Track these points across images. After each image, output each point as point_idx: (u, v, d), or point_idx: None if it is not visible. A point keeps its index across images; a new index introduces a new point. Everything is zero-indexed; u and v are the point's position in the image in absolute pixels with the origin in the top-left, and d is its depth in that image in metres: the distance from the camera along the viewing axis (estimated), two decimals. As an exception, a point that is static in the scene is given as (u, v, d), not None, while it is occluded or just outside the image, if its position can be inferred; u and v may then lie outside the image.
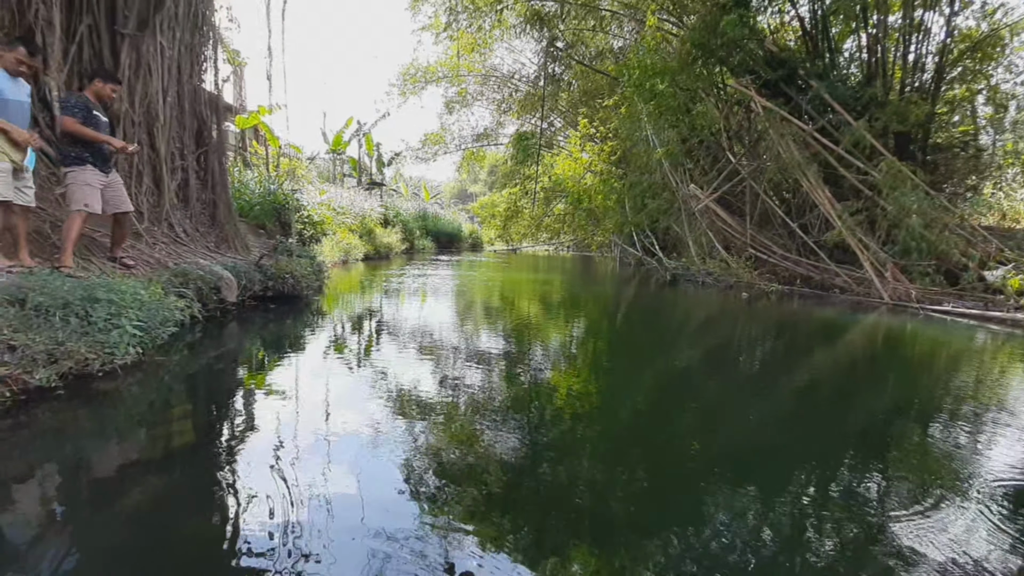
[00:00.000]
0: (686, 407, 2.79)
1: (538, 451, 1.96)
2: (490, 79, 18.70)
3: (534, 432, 2.13)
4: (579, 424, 2.29)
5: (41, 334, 2.76)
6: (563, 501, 1.59)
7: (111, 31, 5.48)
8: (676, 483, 1.82)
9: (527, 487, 1.66)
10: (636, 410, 2.66)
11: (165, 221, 5.83)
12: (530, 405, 2.47)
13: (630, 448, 2.13)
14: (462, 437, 2.03)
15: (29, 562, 1.47)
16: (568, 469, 1.83)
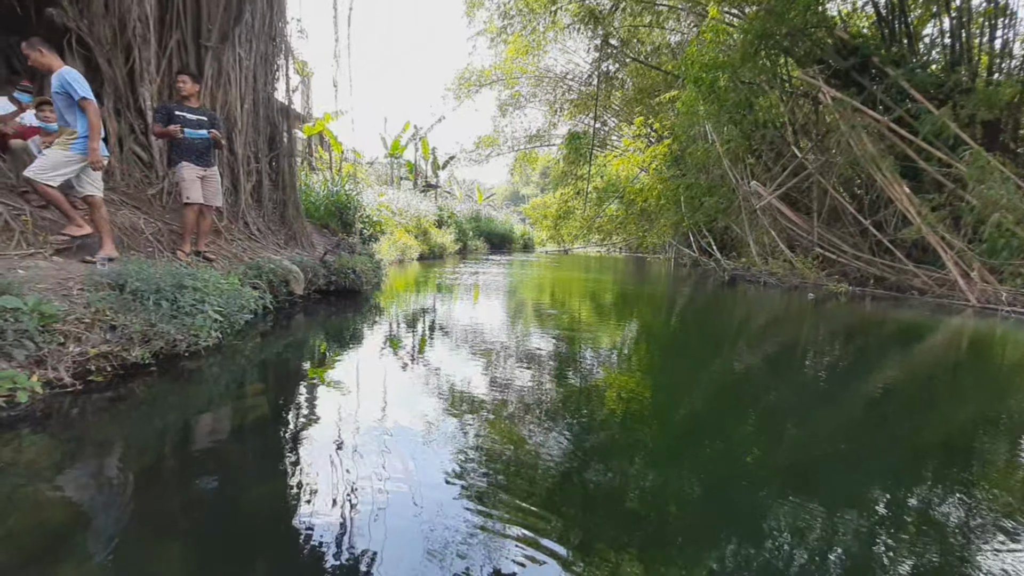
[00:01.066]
0: (746, 412, 2.62)
1: (590, 452, 1.88)
2: (543, 80, 18.74)
3: (586, 433, 2.07)
4: (633, 427, 2.19)
5: (137, 316, 3.05)
6: (615, 505, 1.53)
7: (196, 44, 5.96)
8: (734, 492, 1.69)
9: (578, 488, 1.61)
10: (693, 414, 2.52)
11: (241, 219, 6.26)
12: (582, 405, 2.41)
13: (686, 453, 2.01)
14: (513, 435, 2.01)
15: (118, 511, 1.65)
16: (620, 472, 1.75)
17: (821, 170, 9.20)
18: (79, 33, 5.33)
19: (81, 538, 1.49)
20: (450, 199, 22.62)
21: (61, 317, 2.68)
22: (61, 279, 3.19)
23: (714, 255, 11.55)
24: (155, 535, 1.55)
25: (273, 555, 1.46)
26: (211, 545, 1.49)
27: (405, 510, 1.48)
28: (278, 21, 6.86)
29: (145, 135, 5.91)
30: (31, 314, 2.50)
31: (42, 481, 1.79)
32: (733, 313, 6.60)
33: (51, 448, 2.04)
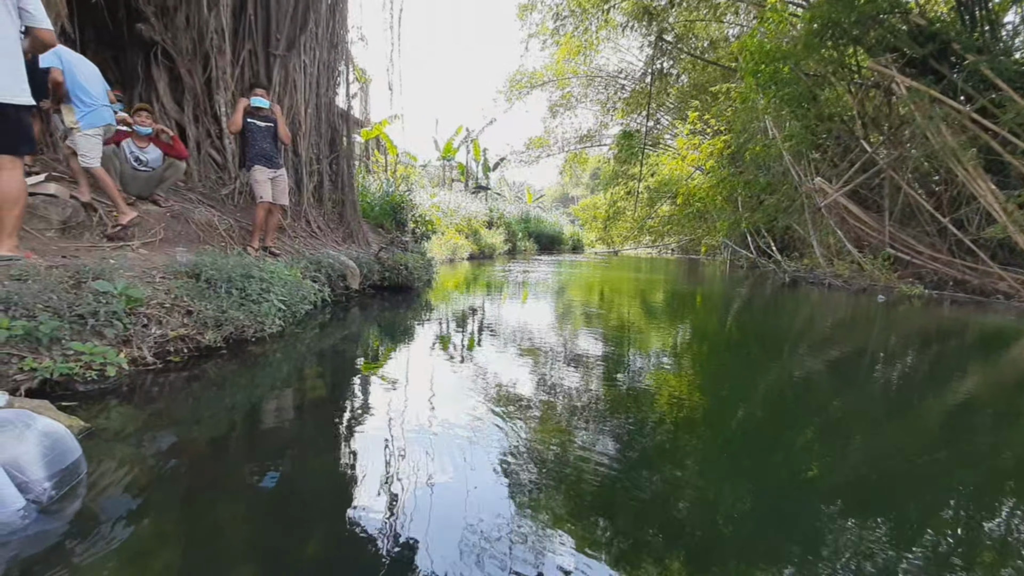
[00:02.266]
0: (809, 422, 2.42)
1: (638, 458, 1.81)
2: (595, 80, 18.60)
3: (635, 438, 1.98)
4: (685, 433, 2.07)
5: (211, 303, 3.29)
6: (664, 513, 1.45)
7: (266, 53, 6.35)
8: (792, 506, 1.57)
9: (625, 495, 1.55)
10: (749, 422, 2.33)
11: (303, 218, 6.61)
12: (632, 409, 2.31)
13: (740, 464, 1.88)
14: (560, 436, 1.94)
15: (190, 472, 1.79)
16: (670, 480, 1.68)
17: (894, 165, 8.61)
18: (163, 46, 5.81)
19: (157, 494, 1.63)
20: (500, 200, 22.83)
21: (145, 301, 2.94)
22: (146, 268, 3.49)
23: (774, 256, 11.04)
24: (221, 496, 1.68)
25: (323, 523, 1.54)
26: (267, 509, 1.59)
27: (450, 503, 1.48)
28: (339, 29, 7.19)
29: (220, 140, 6.36)
30: (120, 297, 2.75)
31: (126, 444, 1.98)
32: (795, 316, 6.28)
33: (135, 416, 2.25)
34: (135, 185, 4.78)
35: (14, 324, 2.29)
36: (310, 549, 1.40)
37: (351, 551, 1.40)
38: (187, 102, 6.10)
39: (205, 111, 6.19)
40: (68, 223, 3.92)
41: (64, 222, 3.89)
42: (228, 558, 1.38)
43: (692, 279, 10.91)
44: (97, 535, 1.41)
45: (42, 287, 2.57)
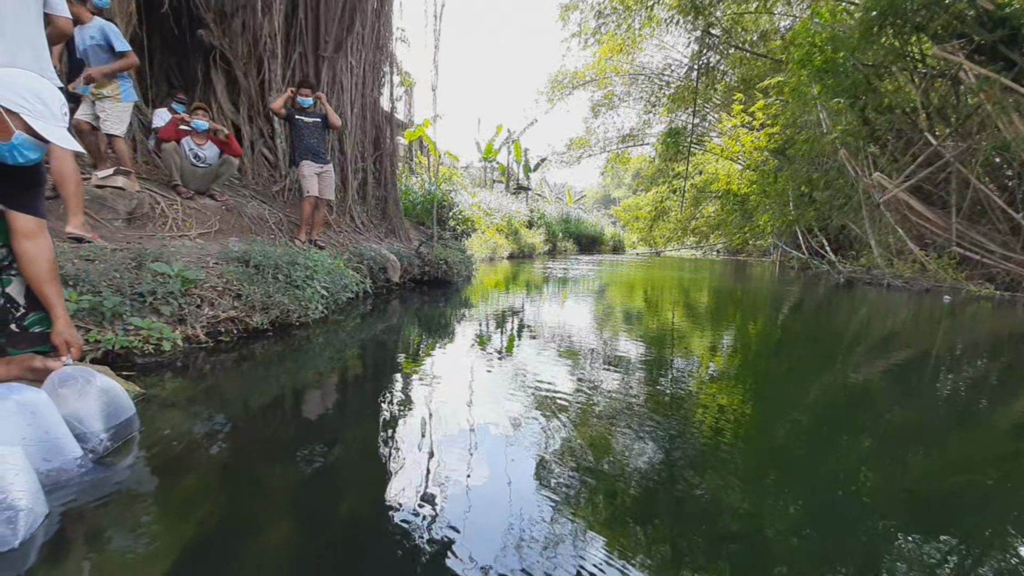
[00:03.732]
0: (864, 433, 2.17)
1: (681, 465, 1.70)
2: (638, 78, 18.33)
3: (678, 444, 1.83)
4: (730, 440, 1.93)
5: (258, 287, 3.44)
6: (707, 524, 1.36)
7: (315, 55, 6.61)
8: (843, 522, 1.43)
9: (667, 503, 1.46)
10: (800, 431, 2.15)
11: (348, 213, 6.82)
12: (675, 413, 2.16)
13: (792, 474, 1.74)
14: (600, 439, 1.86)
15: (235, 441, 1.87)
16: (714, 489, 1.56)
17: (961, 158, 8.03)
18: (222, 50, 6.15)
19: (203, 453, 1.72)
20: (541, 201, 22.84)
21: (199, 283, 3.11)
22: (200, 254, 3.69)
23: (827, 256, 10.51)
24: (261, 460, 1.75)
25: (357, 490, 1.58)
26: (304, 476, 1.64)
27: (485, 499, 1.44)
28: (384, 30, 7.39)
29: (272, 139, 6.67)
30: (176, 278, 2.92)
31: (177, 409, 2.09)
32: (851, 318, 5.93)
33: (186, 387, 2.38)
34: (193, 180, 5.07)
35: (82, 299, 2.47)
36: (343, 510, 1.44)
37: (382, 526, 1.43)
38: (242, 103, 6.43)
39: (259, 112, 6.51)
40: (133, 214, 4.20)
41: (130, 213, 4.17)
42: (265, 513, 1.44)
43: (739, 280, 10.53)
44: (146, 484, 1.49)
45: (107, 267, 2.76)
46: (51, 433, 1.53)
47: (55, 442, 1.53)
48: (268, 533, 1.35)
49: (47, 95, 1.56)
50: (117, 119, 4.16)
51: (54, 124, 1.57)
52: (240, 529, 1.35)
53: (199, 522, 1.35)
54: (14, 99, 1.50)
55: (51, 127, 1.56)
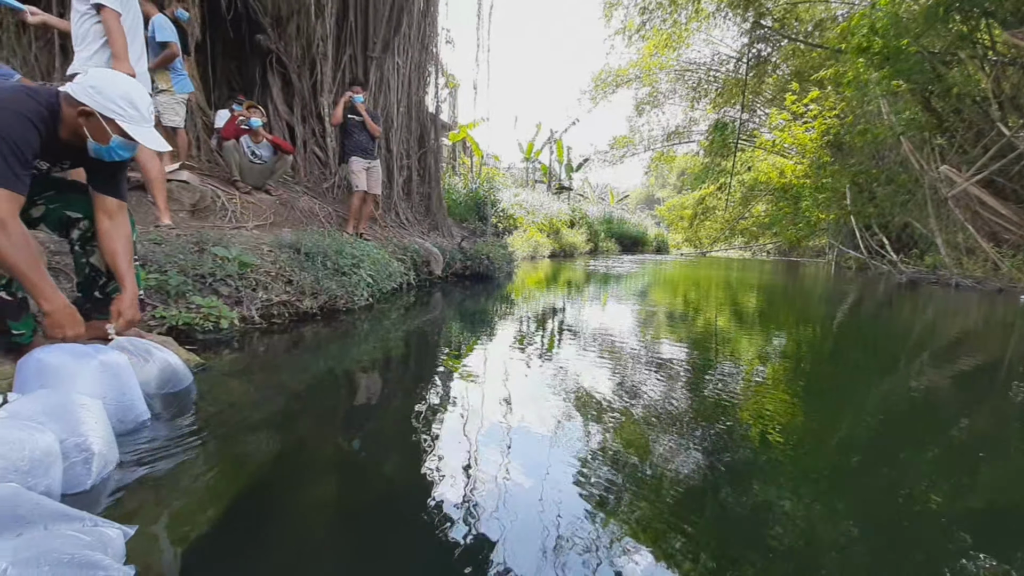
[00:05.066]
0: (928, 445, 1.86)
1: (728, 473, 1.58)
2: (684, 74, 17.88)
3: (725, 450, 1.74)
4: (781, 449, 1.79)
5: (308, 273, 3.58)
6: (752, 533, 1.28)
7: (364, 56, 6.83)
8: (901, 540, 1.31)
9: (712, 512, 1.37)
10: (856, 441, 1.97)
11: (393, 209, 7.00)
12: (721, 419, 1.94)
13: (848, 487, 1.59)
14: (643, 443, 1.77)
15: (286, 409, 1.96)
16: (761, 498, 1.45)
17: (1043, 149, 7.40)
18: (278, 54, 6.45)
19: (254, 419, 1.81)
20: (583, 201, 22.67)
21: (255, 267, 3.27)
22: (256, 243, 3.88)
23: (888, 256, 9.91)
24: (308, 427, 1.82)
25: (390, 469, 1.62)
26: (347, 447, 1.70)
27: (523, 498, 1.38)
28: (430, 31, 7.55)
29: (323, 139, 6.93)
30: (234, 261, 3.08)
31: (232, 379, 2.21)
32: (914, 320, 5.56)
33: (241, 361, 2.50)
34: (251, 176, 5.34)
35: (149, 277, 2.65)
36: (378, 482, 1.49)
37: (416, 499, 1.46)
38: (296, 104, 6.73)
39: (311, 112, 6.79)
40: (197, 206, 4.46)
41: (194, 205, 4.44)
42: (306, 474, 1.50)
43: (791, 282, 10.07)
44: (202, 444, 1.59)
45: (172, 249, 2.95)
46: (126, 394, 1.65)
47: (128, 402, 1.65)
48: (308, 490, 1.41)
49: (138, 98, 1.69)
50: (173, 111, 4.40)
51: (145, 127, 1.71)
52: (283, 485, 1.41)
53: (248, 477, 1.42)
54: (111, 106, 1.64)
55: (143, 131, 1.70)
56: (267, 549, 1.13)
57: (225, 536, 1.17)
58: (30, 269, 1.56)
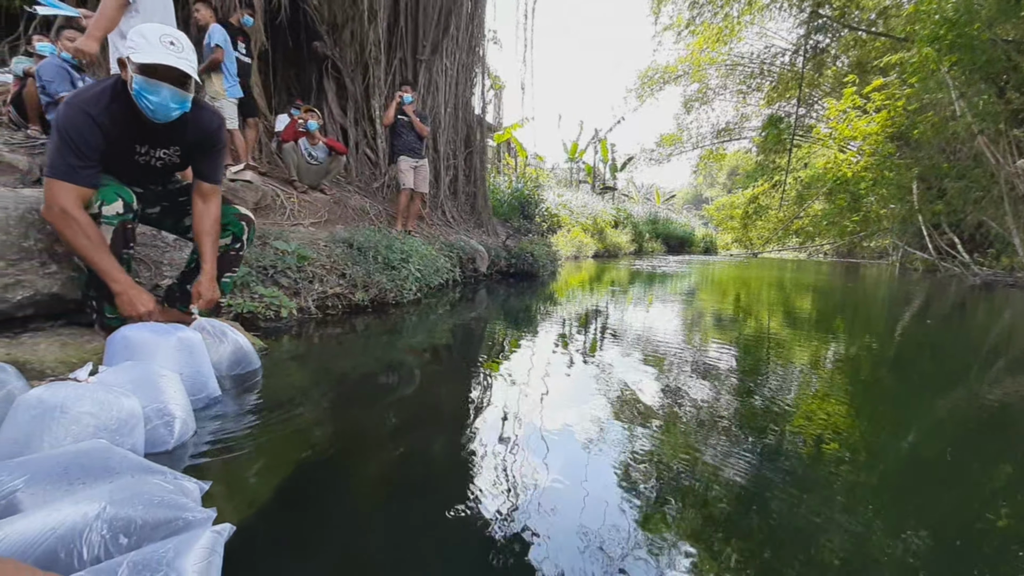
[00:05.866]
0: (1001, 460, 1.81)
1: (780, 484, 1.48)
2: (735, 69, 17.30)
3: (777, 460, 1.63)
4: (837, 462, 1.65)
5: (360, 267, 3.73)
6: (802, 551, 1.21)
7: (413, 59, 7.02)
8: (971, 562, 1.20)
9: (762, 525, 1.29)
10: (925, 458, 1.80)
11: (440, 208, 7.16)
12: (773, 427, 1.90)
13: (905, 506, 1.45)
14: (689, 450, 1.68)
15: (339, 389, 2.06)
16: (814, 512, 1.35)
17: None
18: (333, 59, 6.73)
19: (313, 397, 1.92)
20: (627, 201, 22.34)
21: (312, 260, 3.44)
22: (312, 239, 4.08)
23: (959, 256, 9.25)
24: (361, 409, 1.92)
25: (436, 459, 1.68)
26: (392, 427, 1.78)
27: (564, 499, 1.34)
28: (477, 32, 7.68)
29: (374, 140, 7.18)
30: (293, 254, 3.26)
31: (292, 362, 2.35)
32: (989, 324, 5.17)
33: (300, 347, 2.65)
34: (307, 176, 5.60)
35: (219, 268, 2.84)
36: (423, 462, 1.55)
37: (458, 481, 1.51)
38: (349, 107, 7.00)
39: (363, 114, 7.04)
40: (259, 204, 4.73)
41: (256, 203, 4.71)
42: (359, 447, 1.59)
43: (851, 284, 9.56)
44: (266, 418, 1.70)
45: (239, 243, 3.14)
46: (201, 371, 1.79)
47: (202, 378, 1.79)
48: (359, 464, 1.49)
49: (148, 30, 1.74)
50: (227, 115, 4.68)
51: (156, 51, 1.71)
52: (337, 458, 1.50)
53: (307, 449, 1.52)
54: (127, 44, 1.75)
55: (153, 53, 1.70)
56: (322, 509, 1.21)
57: (287, 496, 1.26)
58: (95, 254, 1.71)
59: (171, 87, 1.74)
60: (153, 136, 1.89)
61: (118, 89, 1.77)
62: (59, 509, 0.79)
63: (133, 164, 1.92)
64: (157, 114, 1.76)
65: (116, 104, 1.76)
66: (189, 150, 2.02)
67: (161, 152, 1.96)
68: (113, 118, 1.75)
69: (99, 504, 0.80)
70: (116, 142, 1.80)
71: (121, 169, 1.88)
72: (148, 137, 1.89)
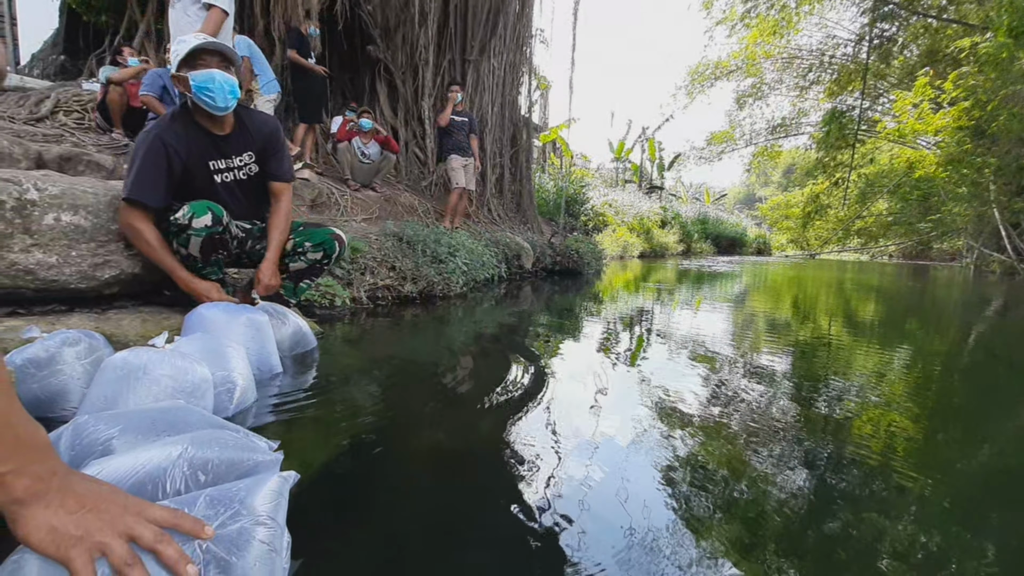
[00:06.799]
0: None
1: (840, 499, 1.35)
2: (793, 61, 16.55)
3: (836, 473, 1.49)
4: (905, 478, 1.49)
5: (409, 260, 3.84)
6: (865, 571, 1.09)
7: (462, 60, 7.15)
8: None
9: (821, 542, 1.19)
10: (1006, 475, 1.60)
11: (486, 206, 7.25)
12: (833, 439, 1.73)
13: (985, 528, 1.29)
14: (741, 459, 1.56)
15: (391, 374, 2.13)
16: (884, 532, 1.23)
17: None
18: (385, 62, 6.95)
19: (366, 378, 1.99)
20: (675, 201, 21.79)
21: (363, 252, 3.57)
22: (364, 233, 4.22)
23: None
24: (410, 392, 1.97)
25: (480, 441, 1.70)
26: (438, 411, 1.82)
27: (608, 502, 1.27)
28: (524, 31, 7.73)
29: (423, 140, 7.35)
30: (346, 247, 3.38)
31: (347, 346, 2.45)
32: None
33: (353, 332, 2.76)
34: (360, 174, 5.81)
35: (280, 258, 3.00)
36: (465, 447, 1.58)
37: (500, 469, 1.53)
38: (400, 109, 7.21)
39: (413, 115, 7.23)
40: (315, 201, 4.95)
41: (313, 200, 4.93)
42: (410, 426, 1.64)
43: (920, 287, 8.94)
44: (322, 395, 1.78)
45: (297, 235, 3.30)
46: (265, 347, 1.90)
47: (266, 355, 1.90)
48: (407, 440, 1.54)
49: (179, 43, 1.96)
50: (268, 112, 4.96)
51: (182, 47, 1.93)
52: (388, 433, 1.55)
53: (360, 423, 1.58)
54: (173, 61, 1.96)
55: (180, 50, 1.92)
56: (369, 479, 1.26)
57: (338, 463, 1.32)
58: (165, 260, 1.94)
59: (220, 71, 1.91)
60: (224, 145, 2.06)
61: (178, 111, 1.99)
62: (148, 450, 0.86)
63: (216, 189, 2.09)
64: (217, 98, 1.92)
65: (178, 123, 1.96)
66: (261, 154, 2.18)
67: (237, 160, 2.11)
68: (178, 136, 1.94)
69: (181, 446, 0.88)
70: (191, 162, 1.98)
71: (207, 197, 2.05)
72: (219, 148, 2.06)
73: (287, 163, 2.30)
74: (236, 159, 2.11)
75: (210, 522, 0.70)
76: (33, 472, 0.61)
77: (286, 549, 0.77)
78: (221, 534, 0.69)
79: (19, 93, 5.32)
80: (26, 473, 0.60)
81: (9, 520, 0.60)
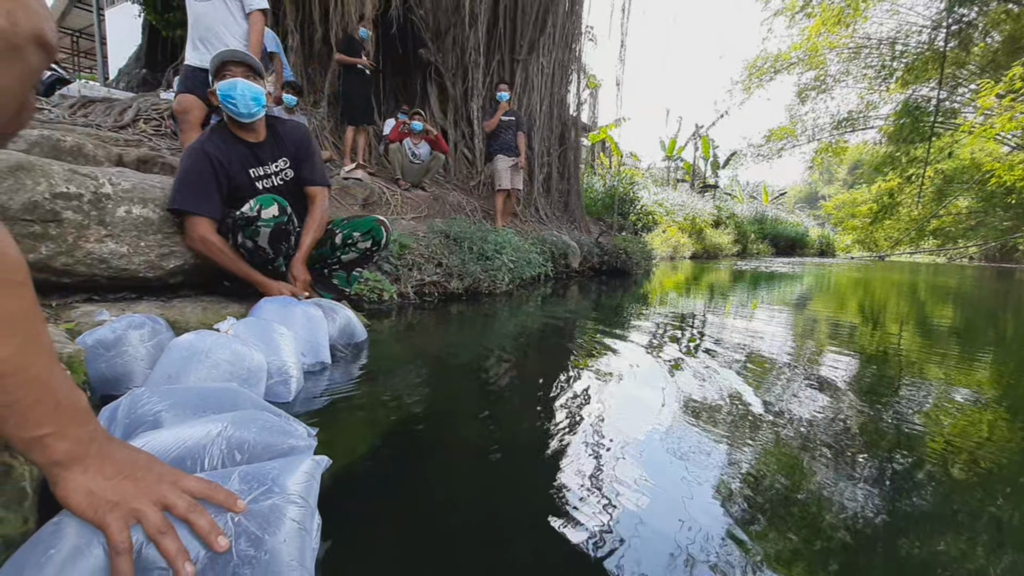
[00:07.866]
0: None
1: (907, 517, 1.22)
2: (860, 51, 15.53)
3: (903, 489, 1.36)
4: (982, 496, 1.34)
5: (456, 256, 3.86)
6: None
7: (511, 59, 7.16)
8: None
9: (888, 563, 1.06)
10: None
11: (533, 204, 7.22)
12: (899, 453, 1.56)
13: None
14: (798, 470, 1.44)
15: (433, 365, 2.12)
16: (952, 556, 1.10)
17: None
18: (436, 65, 7.07)
19: (413, 368, 2.00)
20: (730, 200, 20.96)
21: (411, 249, 3.62)
22: (412, 230, 4.29)
23: None
24: (455, 384, 1.96)
25: (520, 435, 1.66)
26: (483, 404, 1.79)
27: (655, 509, 1.19)
28: (573, 28, 7.65)
29: (472, 141, 7.42)
30: (395, 243, 3.44)
31: (394, 339, 2.48)
32: None
33: (400, 326, 2.79)
34: (410, 174, 5.93)
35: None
36: (509, 439, 1.54)
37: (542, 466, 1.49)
38: (449, 110, 7.30)
39: (462, 116, 7.31)
40: (367, 200, 5.09)
41: (365, 199, 5.07)
42: (455, 418, 1.62)
43: (1007, 293, 8.11)
44: (371, 384, 1.80)
45: (348, 231, 3.39)
46: (318, 339, 1.95)
47: (319, 346, 1.94)
48: (451, 431, 1.52)
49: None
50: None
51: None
52: (433, 424, 1.54)
53: (406, 414, 1.58)
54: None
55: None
56: (410, 469, 1.25)
57: (387, 450, 1.32)
58: (235, 266, 2.07)
59: (243, 80, 2.01)
60: (260, 152, 2.17)
61: (217, 125, 2.12)
62: (191, 426, 0.88)
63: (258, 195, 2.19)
64: (240, 107, 2.03)
65: (216, 135, 2.09)
66: (295, 160, 2.28)
67: (273, 166, 2.22)
68: (217, 146, 2.05)
69: (221, 424, 0.89)
70: (234, 170, 2.09)
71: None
72: (257, 155, 2.16)
73: (320, 167, 2.38)
74: (272, 165, 2.22)
75: (243, 497, 0.70)
76: (73, 436, 0.62)
77: (316, 530, 0.76)
78: (253, 509, 0.69)
79: (106, 104, 5.78)
80: (66, 436, 0.62)
81: (51, 482, 0.62)
